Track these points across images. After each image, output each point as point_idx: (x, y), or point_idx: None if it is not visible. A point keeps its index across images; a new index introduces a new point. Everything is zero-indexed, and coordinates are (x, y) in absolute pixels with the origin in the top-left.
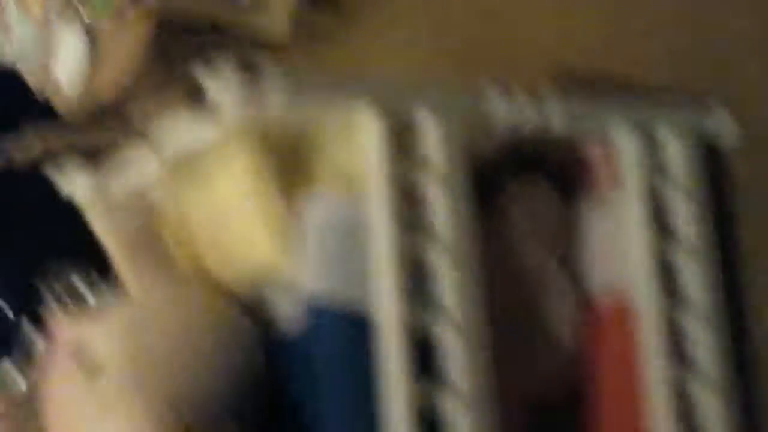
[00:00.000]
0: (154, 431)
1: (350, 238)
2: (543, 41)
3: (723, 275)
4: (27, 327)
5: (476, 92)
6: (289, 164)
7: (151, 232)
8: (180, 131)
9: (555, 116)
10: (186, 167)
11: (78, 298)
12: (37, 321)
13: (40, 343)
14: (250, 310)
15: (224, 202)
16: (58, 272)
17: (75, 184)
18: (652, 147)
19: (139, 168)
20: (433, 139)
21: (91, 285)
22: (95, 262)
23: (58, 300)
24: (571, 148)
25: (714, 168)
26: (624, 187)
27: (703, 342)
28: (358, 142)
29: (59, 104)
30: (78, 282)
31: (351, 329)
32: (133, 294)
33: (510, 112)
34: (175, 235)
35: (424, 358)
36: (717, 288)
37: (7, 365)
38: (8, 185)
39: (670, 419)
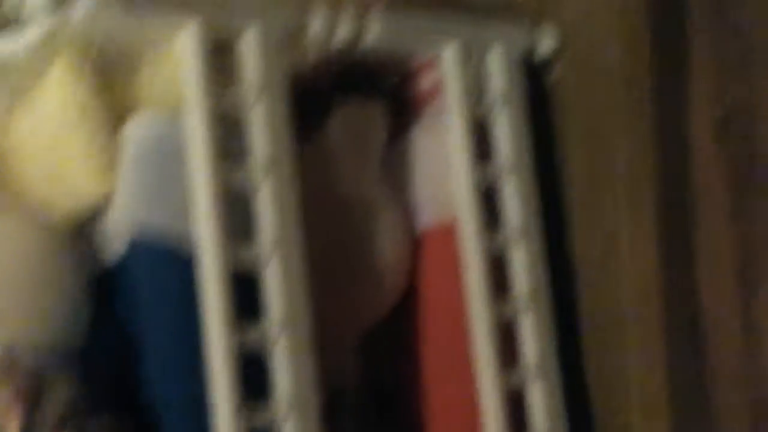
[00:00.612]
0: None
1: (171, 162)
2: None
3: (543, 195)
4: None
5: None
6: (111, 82)
7: None
8: None
9: (373, 30)
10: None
11: None
12: None
13: None
14: (77, 238)
15: (43, 120)
16: None
17: None
18: (476, 65)
19: None
20: (252, 57)
21: None
22: None
23: None
24: (402, 68)
25: (538, 88)
26: (447, 107)
27: (522, 264)
28: (177, 59)
29: None
30: None
31: (168, 264)
32: None
33: (327, 25)
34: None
35: (245, 293)
36: (536, 210)
37: None
38: None
39: (489, 340)
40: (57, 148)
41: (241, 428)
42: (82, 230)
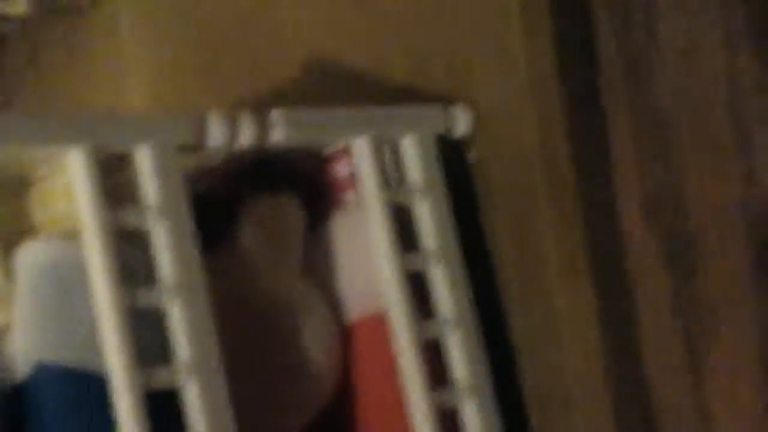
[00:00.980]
0: None
1: (67, 286)
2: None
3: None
4: None
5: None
6: (9, 204)
7: None
8: None
9: (277, 128)
10: None
11: None
12: None
13: None
14: None
15: None
16: None
17: None
18: (390, 151)
19: None
20: (148, 175)
21: None
22: None
23: None
24: (313, 158)
25: (458, 165)
26: (364, 198)
27: (458, 352)
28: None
29: None
30: None
31: (73, 385)
32: None
33: (227, 128)
34: None
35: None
36: (467, 295)
37: None
38: None
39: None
40: None
41: None
42: None
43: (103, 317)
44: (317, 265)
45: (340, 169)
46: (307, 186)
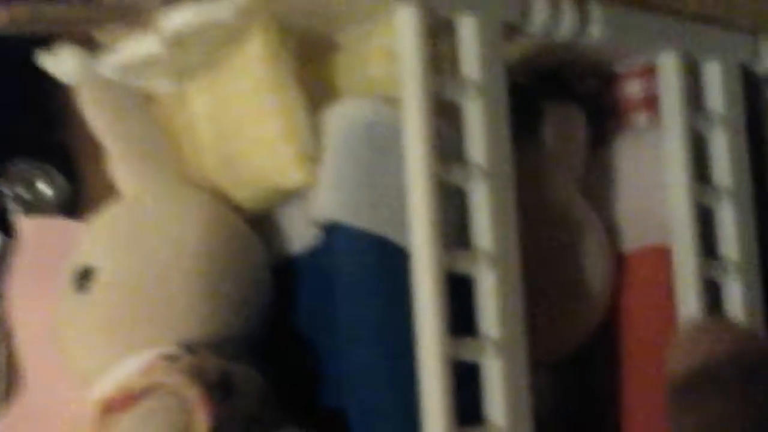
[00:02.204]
0: (155, 357)
1: (380, 151)
2: None
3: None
4: None
5: None
6: (312, 63)
7: (151, 128)
8: (184, 8)
9: (596, 23)
10: (193, 54)
11: (41, 199)
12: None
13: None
14: (259, 225)
15: (232, 97)
16: (18, 170)
17: (62, 62)
18: (694, 76)
19: (138, 49)
20: (473, 44)
21: (55, 185)
22: (58, 160)
23: (20, 200)
24: (608, 74)
25: (755, 103)
26: (664, 121)
27: (737, 296)
28: (390, 44)
29: None
30: (41, 181)
31: (375, 251)
32: (128, 196)
33: (550, 14)
34: (179, 136)
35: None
36: (754, 238)
37: None
38: None
39: None
40: (248, 129)
41: None
42: (261, 218)
43: (415, 187)
44: (593, 187)
45: (634, 89)
46: (592, 103)
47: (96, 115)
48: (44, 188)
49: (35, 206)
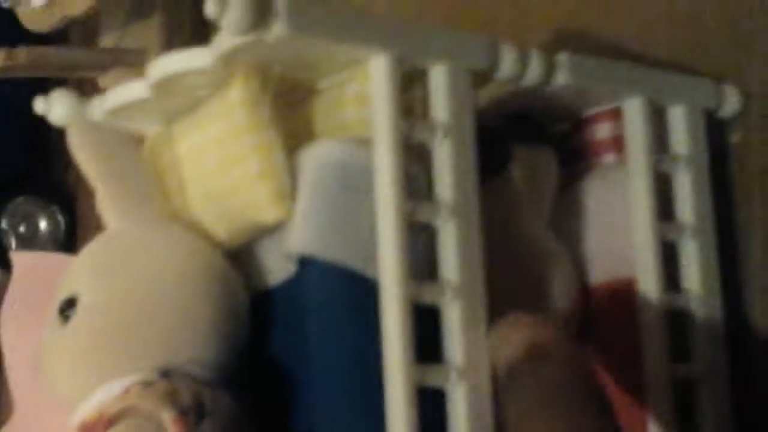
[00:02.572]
0: (131, 383)
1: (351, 190)
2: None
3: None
4: None
5: (486, 42)
6: (289, 106)
7: (137, 167)
8: (172, 54)
9: (562, 71)
10: (178, 98)
11: (40, 235)
12: None
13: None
14: (238, 259)
15: (215, 138)
16: (20, 207)
17: (55, 106)
18: (658, 118)
19: (127, 94)
20: (441, 94)
21: (54, 222)
22: (58, 198)
23: (19, 236)
24: (578, 117)
25: (717, 146)
26: (630, 161)
27: (701, 332)
28: (365, 93)
29: (25, 17)
30: (41, 218)
31: (345, 283)
32: (112, 231)
33: (518, 62)
34: (164, 174)
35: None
36: (717, 277)
37: None
38: None
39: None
40: (229, 168)
41: None
42: (240, 252)
43: (383, 224)
44: (562, 223)
45: (600, 131)
46: (562, 145)
47: (84, 156)
48: (44, 224)
49: (33, 241)
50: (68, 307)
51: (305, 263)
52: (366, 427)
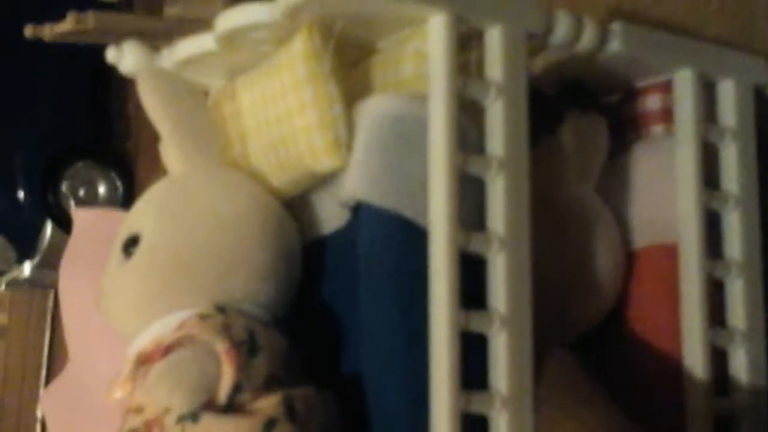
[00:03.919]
0: (188, 316)
1: (406, 142)
2: None
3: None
4: (46, 223)
5: (541, 7)
6: (348, 61)
7: (201, 115)
8: (237, 9)
9: (615, 40)
10: (242, 53)
11: (97, 198)
12: (56, 215)
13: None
14: (295, 208)
15: (277, 89)
16: (81, 173)
17: (126, 55)
18: (707, 92)
19: (194, 47)
20: (497, 54)
21: (112, 187)
22: (112, 161)
23: (75, 195)
24: (629, 88)
25: (765, 121)
26: (678, 132)
27: (739, 298)
28: (423, 51)
29: None
30: (100, 183)
31: (397, 228)
32: (175, 175)
33: (572, 28)
34: (227, 123)
35: (471, 280)
36: (758, 245)
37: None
38: (30, 63)
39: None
40: (289, 119)
41: (457, 414)
42: (297, 201)
43: (435, 174)
44: (610, 190)
45: (651, 103)
46: (611, 117)
47: (152, 101)
48: (102, 189)
49: (92, 205)
50: (132, 244)
51: (359, 208)
52: (411, 368)
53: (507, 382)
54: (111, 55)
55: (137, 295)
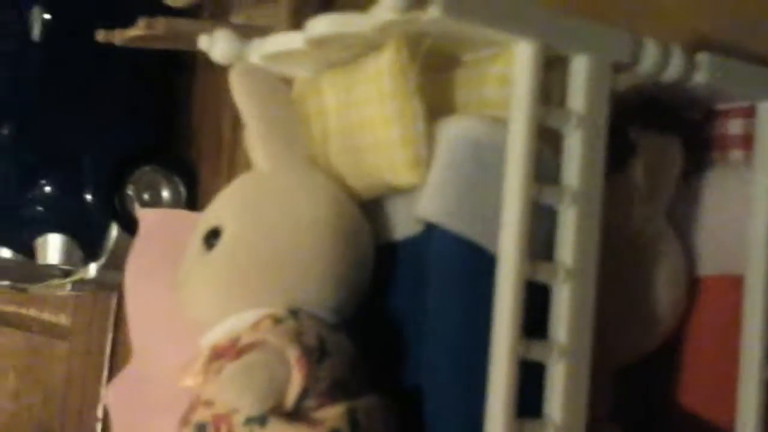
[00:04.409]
0: (263, 316)
1: (483, 167)
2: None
3: None
4: (113, 225)
5: (629, 36)
6: (434, 78)
7: (288, 111)
8: (330, 17)
9: (703, 70)
10: (332, 52)
11: (158, 199)
12: (121, 217)
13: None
14: (368, 211)
15: (361, 97)
16: (146, 177)
17: (218, 43)
18: None
19: (283, 43)
20: (581, 80)
21: (176, 192)
22: (177, 167)
23: (140, 198)
24: (709, 109)
25: None
26: (757, 161)
27: None
28: (507, 74)
29: None
30: (161, 182)
31: (467, 255)
32: (259, 171)
33: (660, 58)
34: (309, 121)
35: (534, 307)
36: None
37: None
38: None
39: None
40: (372, 129)
41: None
42: (371, 203)
43: (509, 203)
44: (681, 213)
45: (732, 127)
46: (689, 136)
47: (241, 95)
48: (166, 194)
49: (154, 207)
50: (213, 236)
51: (431, 230)
52: (468, 393)
53: (561, 412)
54: (204, 42)
55: (215, 288)
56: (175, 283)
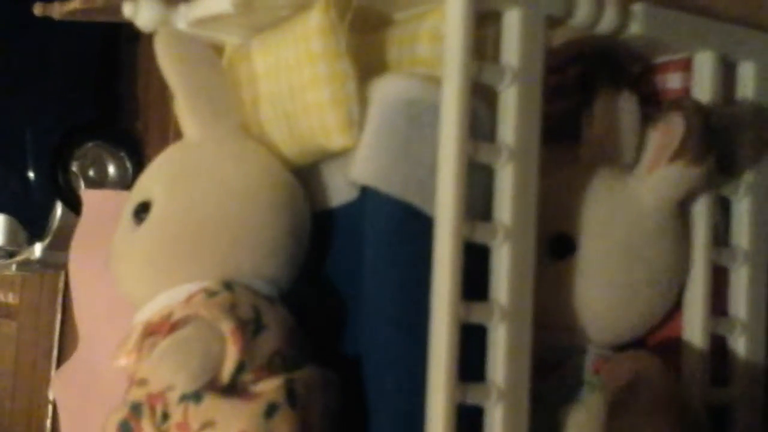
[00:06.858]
0: (196, 290)
1: (416, 126)
2: None
3: None
4: (57, 204)
5: None
6: (362, 38)
7: (217, 78)
8: None
9: (637, 20)
10: (259, 14)
11: (107, 179)
12: (66, 196)
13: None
14: (303, 178)
15: (291, 61)
16: (91, 153)
17: (140, 7)
18: (728, 73)
19: (210, 7)
20: (514, 37)
21: (122, 167)
22: (122, 141)
23: (85, 175)
24: (646, 62)
25: None
26: None
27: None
28: (440, 31)
29: None
30: (110, 163)
31: (402, 216)
32: (189, 141)
33: (593, 9)
34: (239, 87)
35: (474, 272)
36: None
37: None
38: (37, 39)
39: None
40: (302, 92)
41: (453, 405)
42: (306, 171)
43: (444, 162)
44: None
45: (672, 81)
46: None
47: (168, 63)
48: (112, 169)
49: (102, 185)
50: (143, 210)
51: (366, 193)
52: (408, 352)
53: (504, 375)
54: (127, 9)
55: (146, 262)
56: (107, 260)
